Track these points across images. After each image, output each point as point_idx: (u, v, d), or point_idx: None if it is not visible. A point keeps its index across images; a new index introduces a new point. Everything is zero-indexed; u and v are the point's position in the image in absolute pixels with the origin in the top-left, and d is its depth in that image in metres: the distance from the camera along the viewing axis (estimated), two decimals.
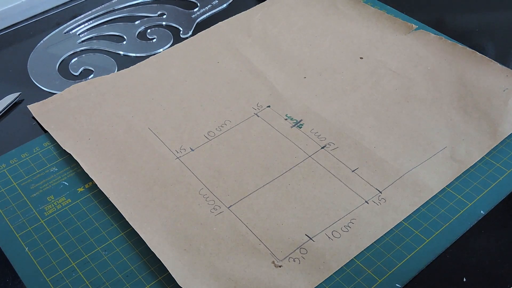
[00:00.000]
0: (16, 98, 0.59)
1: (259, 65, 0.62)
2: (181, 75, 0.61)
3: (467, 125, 0.55)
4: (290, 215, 0.48)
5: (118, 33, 0.69)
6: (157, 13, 0.72)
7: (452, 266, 0.45)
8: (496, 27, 0.52)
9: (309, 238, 0.46)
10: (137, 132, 0.55)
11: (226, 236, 0.46)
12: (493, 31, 0.52)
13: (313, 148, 0.53)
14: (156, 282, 0.44)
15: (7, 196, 0.50)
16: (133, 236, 0.46)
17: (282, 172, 0.51)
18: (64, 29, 0.69)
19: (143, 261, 0.45)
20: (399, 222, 0.47)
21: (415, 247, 0.45)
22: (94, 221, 0.48)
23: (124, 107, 0.58)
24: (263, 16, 0.69)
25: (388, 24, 0.67)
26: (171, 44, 0.66)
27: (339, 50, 0.64)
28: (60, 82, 0.62)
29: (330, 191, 0.49)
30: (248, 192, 0.49)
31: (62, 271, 0.44)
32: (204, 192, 0.50)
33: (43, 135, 0.55)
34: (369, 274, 0.44)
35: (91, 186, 0.51)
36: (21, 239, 0.47)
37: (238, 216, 0.48)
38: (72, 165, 0.52)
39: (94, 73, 0.63)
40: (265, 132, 0.55)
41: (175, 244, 0.45)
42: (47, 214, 0.48)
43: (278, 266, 0.44)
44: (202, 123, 0.56)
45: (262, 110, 0.57)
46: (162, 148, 0.53)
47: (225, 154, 0.53)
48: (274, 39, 0.66)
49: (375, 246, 0.46)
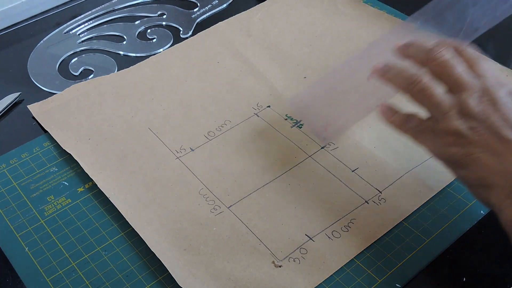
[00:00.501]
0: (16, 98, 0.59)
1: (259, 65, 0.62)
2: (181, 75, 0.61)
3: None
4: (290, 215, 0.48)
5: (118, 33, 0.69)
6: (157, 13, 0.72)
7: (452, 266, 0.45)
8: (496, 27, 0.51)
9: (309, 238, 0.46)
10: (137, 132, 0.55)
11: (226, 236, 0.46)
12: (493, 31, 0.51)
13: (313, 148, 0.53)
14: (156, 282, 0.44)
15: (7, 196, 0.50)
16: (133, 236, 0.46)
17: (282, 172, 0.51)
18: (64, 29, 0.69)
19: (143, 261, 0.45)
20: (399, 222, 0.47)
21: (415, 247, 0.45)
22: (94, 221, 0.48)
23: (124, 107, 0.58)
24: (263, 16, 0.69)
25: (388, 24, 0.67)
26: (171, 44, 0.66)
27: (339, 50, 0.64)
28: (60, 82, 0.62)
29: (330, 191, 0.49)
30: (248, 192, 0.49)
31: (62, 271, 0.44)
32: (204, 192, 0.50)
33: (43, 135, 0.55)
34: (369, 274, 0.44)
35: (91, 186, 0.51)
36: (21, 239, 0.47)
37: (238, 216, 0.48)
38: (72, 165, 0.52)
39: (94, 73, 0.63)
40: (265, 132, 0.55)
41: (175, 244, 0.45)
42: (47, 214, 0.48)
43: (278, 266, 0.44)
44: (202, 123, 0.56)
45: (262, 110, 0.57)
46: (162, 148, 0.53)
47: (225, 154, 0.53)
48: (274, 39, 0.66)
49: (375, 246, 0.46)
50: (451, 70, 0.42)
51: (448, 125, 0.41)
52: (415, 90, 0.42)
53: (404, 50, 0.46)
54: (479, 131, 0.40)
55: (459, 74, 0.42)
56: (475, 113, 0.40)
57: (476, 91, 0.41)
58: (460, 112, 0.41)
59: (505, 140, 0.39)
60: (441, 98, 0.42)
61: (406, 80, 0.43)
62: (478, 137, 0.40)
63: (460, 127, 0.40)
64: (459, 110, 0.41)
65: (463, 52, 0.43)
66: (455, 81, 0.42)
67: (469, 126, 0.40)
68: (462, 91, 0.41)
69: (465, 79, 0.42)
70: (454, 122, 0.41)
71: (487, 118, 0.40)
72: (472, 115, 0.40)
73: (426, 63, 0.43)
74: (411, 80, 0.43)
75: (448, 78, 0.42)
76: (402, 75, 0.44)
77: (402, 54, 0.46)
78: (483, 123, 0.40)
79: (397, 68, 0.44)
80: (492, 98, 0.41)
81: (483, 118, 0.40)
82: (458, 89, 0.42)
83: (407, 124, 0.44)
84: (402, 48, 0.46)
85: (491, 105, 0.40)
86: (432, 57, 0.43)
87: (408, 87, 0.43)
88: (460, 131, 0.40)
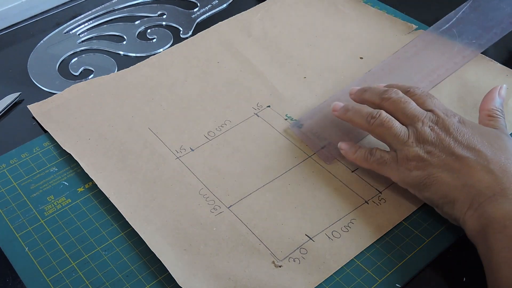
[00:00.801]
0: (16, 98, 0.59)
1: (259, 65, 0.62)
2: (181, 75, 0.61)
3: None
4: (290, 215, 0.48)
5: (118, 33, 0.69)
6: (157, 13, 0.72)
7: (452, 265, 0.45)
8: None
9: (309, 238, 0.46)
10: (137, 132, 0.55)
11: (226, 236, 0.46)
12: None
13: (314, 148, 0.53)
14: (156, 282, 0.44)
15: (7, 196, 0.50)
16: (133, 236, 0.46)
17: (282, 172, 0.51)
18: (64, 29, 0.69)
19: (143, 261, 0.45)
20: (399, 222, 0.47)
21: (415, 247, 0.45)
22: (94, 221, 0.48)
23: (124, 107, 0.58)
24: (263, 16, 0.69)
25: (388, 24, 0.67)
26: (171, 44, 0.66)
27: (339, 50, 0.64)
28: (60, 82, 0.62)
29: (330, 191, 0.49)
30: (248, 192, 0.49)
31: (62, 271, 0.44)
32: (204, 192, 0.50)
33: (43, 135, 0.55)
34: (369, 274, 0.44)
35: (91, 186, 0.51)
36: (21, 239, 0.47)
37: (238, 216, 0.48)
38: (72, 165, 0.52)
39: (94, 73, 0.63)
40: (265, 132, 0.55)
41: (175, 244, 0.45)
42: (47, 214, 0.48)
43: (278, 266, 0.44)
44: (202, 123, 0.56)
45: (262, 110, 0.57)
46: (162, 148, 0.53)
47: (225, 154, 0.53)
48: (274, 39, 0.66)
49: (375, 246, 0.46)
50: (404, 105, 0.48)
51: (408, 152, 0.45)
52: (375, 124, 0.48)
53: (359, 95, 0.52)
54: (436, 153, 0.45)
55: (412, 108, 0.48)
56: (431, 138, 0.45)
57: (429, 121, 0.46)
58: (417, 140, 0.46)
59: (460, 157, 0.44)
60: (400, 129, 0.47)
61: (365, 117, 0.49)
62: (436, 159, 0.44)
63: (419, 152, 0.45)
64: (416, 138, 0.46)
65: (412, 93, 0.49)
66: (409, 114, 0.47)
67: (427, 151, 0.45)
68: (417, 122, 0.47)
69: (419, 111, 0.47)
70: (414, 149, 0.45)
71: (442, 141, 0.45)
72: (428, 141, 0.45)
73: (381, 104, 0.49)
74: (371, 116, 0.48)
75: (402, 113, 0.48)
76: (361, 114, 0.49)
77: (357, 99, 0.52)
78: (438, 146, 0.45)
79: (356, 107, 0.50)
80: (445, 125, 0.46)
81: (438, 142, 0.45)
82: (413, 121, 0.47)
83: (370, 158, 0.48)
84: (358, 93, 0.52)
85: (444, 131, 0.46)
86: (386, 97, 0.49)
87: (369, 122, 0.48)
88: (419, 155, 0.45)
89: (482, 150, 0.44)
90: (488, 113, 0.49)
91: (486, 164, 0.43)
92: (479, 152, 0.44)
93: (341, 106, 0.51)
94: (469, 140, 0.45)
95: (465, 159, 0.44)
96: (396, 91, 0.49)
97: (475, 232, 0.42)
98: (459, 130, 0.46)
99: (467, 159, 0.44)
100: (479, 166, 0.43)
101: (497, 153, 0.44)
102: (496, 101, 0.50)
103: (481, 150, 0.44)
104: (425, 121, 0.46)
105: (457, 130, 0.46)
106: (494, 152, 0.44)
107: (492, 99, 0.50)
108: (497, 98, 0.50)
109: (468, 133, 0.45)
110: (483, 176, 0.43)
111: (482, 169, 0.43)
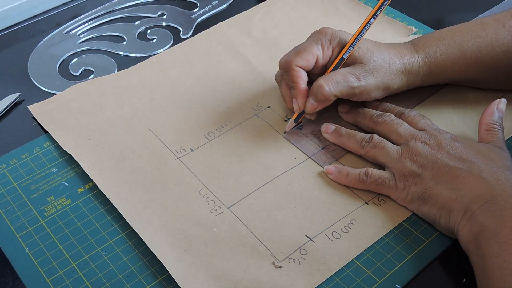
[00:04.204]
0: (16, 98, 0.59)
1: (259, 65, 0.62)
2: (181, 75, 0.61)
3: (467, 126, 0.55)
4: (290, 215, 0.48)
5: (118, 33, 0.69)
6: (157, 14, 0.72)
7: (452, 266, 0.45)
8: None
9: (309, 239, 0.46)
10: (137, 132, 0.55)
11: (226, 236, 0.46)
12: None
13: (313, 149, 0.53)
14: (156, 283, 0.44)
15: (8, 197, 0.50)
16: (133, 237, 0.46)
17: (282, 173, 0.51)
18: (64, 29, 0.69)
19: (143, 261, 0.45)
20: (399, 223, 0.47)
21: (414, 248, 0.45)
22: (95, 221, 0.48)
23: (125, 107, 0.58)
24: (263, 16, 0.69)
25: (387, 25, 0.67)
26: (171, 45, 0.66)
27: None
28: (60, 83, 0.62)
29: (330, 192, 0.49)
30: (248, 192, 0.50)
31: (62, 272, 0.44)
32: (204, 192, 0.50)
33: (43, 136, 0.55)
34: (369, 275, 0.44)
35: (92, 186, 0.51)
36: (22, 240, 0.47)
37: (238, 216, 0.48)
38: (73, 166, 0.52)
39: (94, 73, 0.63)
40: (265, 132, 0.55)
41: (175, 244, 0.45)
42: (47, 215, 0.48)
43: (278, 266, 0.44)
44: (202, 123, 0.56)
45: (262, 111, 0.57)
46: (163, 148, 0.53)
47: (225, 154, 0.53)
48: (274, 39, 0.66)
49: (375, 247, 0.46)
50: (397, 126, 0.50)
51: (403, 168, 0.47)
52: (369, 146, 0.50)
53: (352, 117, 0.54)
54: (429, 166, 0.46)
55: (405, 128, 0.50)
56: (423, 152, 0.47)
57: (422, 138, 0.48)
58: (410, 156, 0.47)
59: (453, 168, 0.45)
60: (392, 148, 0.49)
61: (359, 141, 0.50)
62: (429, 172, 0.46)
63: (413, 167, 0.47)
64: (409, 155, 0.47)
65: (406, 115, 0.51)
66: (402, 134, 0.49)
67: (420, 164, 0.47)
68: (410, 140, 0.49)
69: (412, 130, 0.49)
70: (407, 164, 0.47)
71: (434, 154, 0.47)
72: (421, 155, 0.47)
73: (374, 126, 0.51)
74: (364, 141, 0.50)
75: (396, 133, 0.50)
76: (355, 139, 0.51)
77: (350, 119, 0.54)
78: (431, 159, 0.47)
79: (349, 132, 0.52)
80: (437, 141, 0.48)
81: (431, 155, 0.47)
82: (406, 140, 0.49)
83: (367, 180, 0.48)
84: (351, 114, 0.54)
85: (436, 145, 0.47)
86: (380, 121, 0.51)
87: (363, 147, 0.50)
88: (413, 170, 0.47)
89: (474, 160, 0.45)
90: (486, 127, 0.50)
91: (479, 173, 0.44)
92: (471, 163, 0.45)
93: (333, 130, 0.53)
94: (461, 153, 0.46)
95: (458, 169, 0.45)
96: (389, 114, 0.51)
97: (468, 242, 0.43)
98: (451, 145, 0.47)
99: (460, 170, 0.45)
100: (471, 176, 0.44)
101: (489, 163, 0.45)
102: (495, 115, 0.50)
103: (473, 160, 0.45)
104: (417, 138, 0.48)
105: (449, 145, 0.47)
106: (486, 162, 0.45)
107: (491, 113, 0.51)
108: (496, 112, 0.51)
109: (460, 147, 0.47)
110: (475, 184, 0.44)
111: (475, 178, 0.44)
